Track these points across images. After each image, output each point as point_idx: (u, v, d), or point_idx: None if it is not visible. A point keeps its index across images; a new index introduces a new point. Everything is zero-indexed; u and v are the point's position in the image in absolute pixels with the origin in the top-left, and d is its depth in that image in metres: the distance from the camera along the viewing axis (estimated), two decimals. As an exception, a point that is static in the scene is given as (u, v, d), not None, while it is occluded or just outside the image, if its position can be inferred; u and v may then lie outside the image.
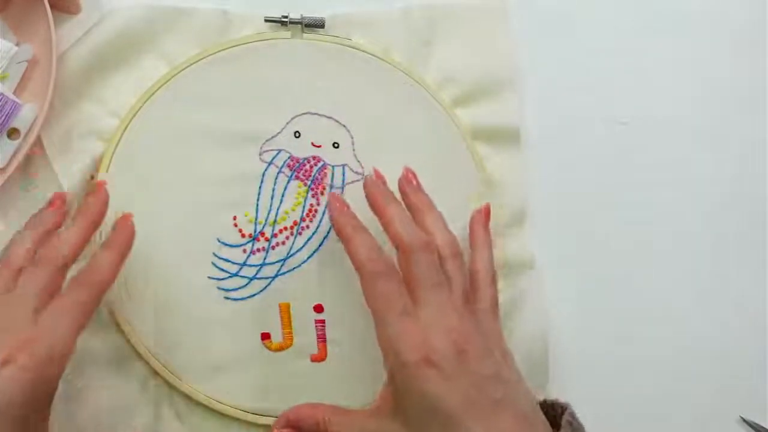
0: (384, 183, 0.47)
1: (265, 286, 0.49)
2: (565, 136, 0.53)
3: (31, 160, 0.49)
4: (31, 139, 0.47)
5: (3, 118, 0.47)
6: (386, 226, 0.44)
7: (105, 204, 0.45)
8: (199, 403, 0.47)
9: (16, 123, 0.48)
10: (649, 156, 0.54)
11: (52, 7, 0.47)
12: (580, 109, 0.54)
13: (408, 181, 0.47)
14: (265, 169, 0.49)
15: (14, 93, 0.48)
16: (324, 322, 0.49)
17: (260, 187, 0.49)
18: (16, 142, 0.47)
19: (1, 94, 0.47)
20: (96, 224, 0.44)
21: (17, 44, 0.49)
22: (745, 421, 0.51)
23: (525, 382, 0.42)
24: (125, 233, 0.44)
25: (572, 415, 0.41)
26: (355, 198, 0.49)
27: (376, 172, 0.47)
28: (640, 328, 0.52)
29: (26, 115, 0.48)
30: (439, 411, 0.39)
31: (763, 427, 0.51)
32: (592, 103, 0.54)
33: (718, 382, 0.52)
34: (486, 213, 0.49)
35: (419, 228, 0.44)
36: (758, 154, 0.55)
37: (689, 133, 0.55)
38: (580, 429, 0.41)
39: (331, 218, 0.45)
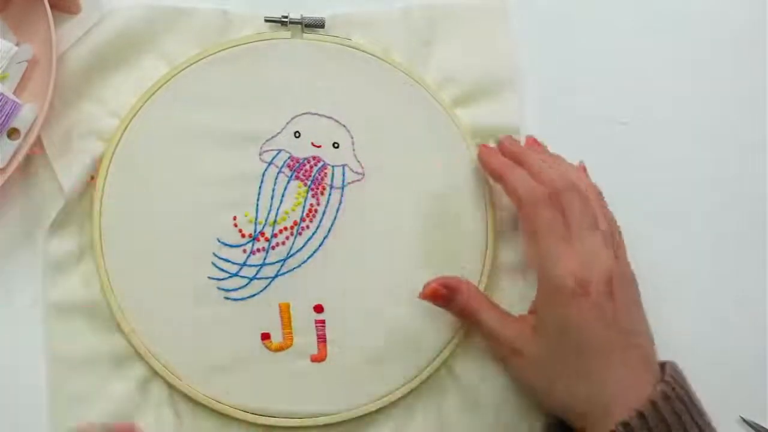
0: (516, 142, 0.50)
1: (265, 286, 0.48)
2: (565, 136, 0.53)
3: (31, 160, 0.49)
4: (31, 139, 0.47)
5: (3, 118, 0.47)
6: (534, 172, 0.47)
7: None
8: (199, 403, 0.47)
9: (16, 123, 0.48)
10: (649, 156, 0.54)
11: (52, 7, 0.47)
12: (580, 109, 0.54)
13: (535, 144, 0.51)
14: (265, 169, 0.49)
15: (14, 93, 0.48)
16: (324, 322, 0.48)
17: (260, 187, 0.49)
18: (16, 142, 0.47)
19: (1, 94, 0.47)
20: None
21: (17, 44, 0.49)
22: (745, 421, 0.51)
23: (651, 336, 0.45)
24: None
25: (674, 367, 0.44)
26: (355, 198, 0.50)
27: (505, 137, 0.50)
28: None
29: (26, 115, 0.48)
30: (579, 338, 0.43)
31: (763, 427, 0.51)
32: (592, 103, 0.54)
33: (718, 382, 0.51)
34: (583, 168, 0.50)
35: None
36: (758, 154, 0.55)
37: (689, 133, 0.55)
38: (683, 377, 0.44)
39: (483, 164, 0.49)
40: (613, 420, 0.41)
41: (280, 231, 0.49)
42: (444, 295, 0.46)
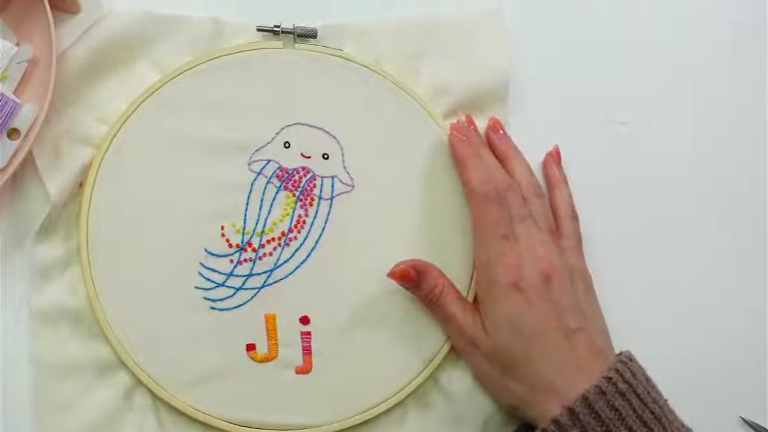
0: (475, 128, 0.51)
1: (252, 297, 0.48)
2: (565, 137, 0.53)
3: (23, 164, 0.49)
4: (31, 139, 0.47)
5: (3, 118, 0.47)
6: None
7: None
8: (182, 414, 0.47)
9: (16, 123, 0.47)
10: (649, 156, 0.54)
11: (52, 7, 0.47)
12: (579, 110, 0.54)
13: (495, 130, 0.51)
14: (254, 179, 0.49)
15: (14, 93, 0.48)
16: (310, 334, 0.48)
17: (248, 197, 0.49)
18: (16, 142, 0.47)
19: (1, 94, 0.47)
20: None
21: (17, 44, 0.49)
22: (745, 421, 0.51)
23: (604, 321, 0.48)
24: None
25: (624, 359, 0.44)
26: (344, 210, 0.49)
27: (467, 117, 0.51)
28: (641, 327, 0.51)
29: (26, 115, 0.48)
30: (519, 331, 0.44)
31: (763, 427, 0.51)
32: (591, 103, 0.54)
33: (718, 382, 0.51)
34: (557, 153, 0.52)
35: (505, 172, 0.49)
36: (758, 154, 0.55)
37: (689, 133, 0.55)
38: (634, 368, 0.44)
39: (451, 147, 0.50)
40: (552, 408, 0.42)
41: (268, 242, 0.49)
42: (413, 277, 0.47)
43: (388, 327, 0.49)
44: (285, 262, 0.49)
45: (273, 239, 0.49)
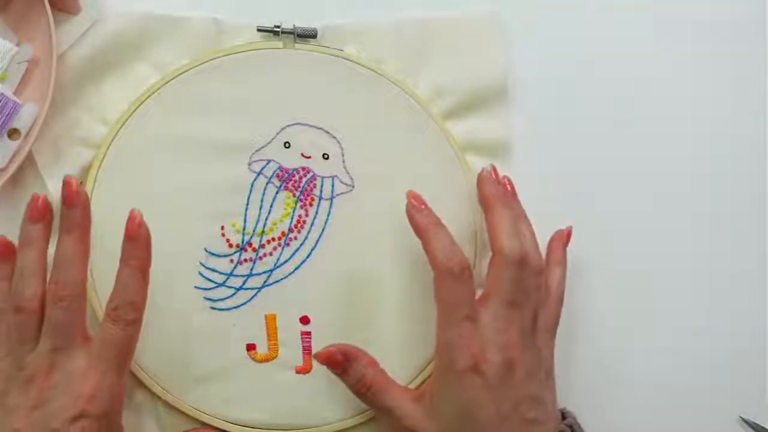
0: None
1: (252, 297, 0.48)
2: (564, 138, 0.53)
3: (23, 163, 0.49)
4: (32, 139, 0.47)
5: (3, 118, 0.47)
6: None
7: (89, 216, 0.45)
8: (183, 414, 0.47)
9: (16, 123, 0.47)
10: (649, 158, 0.54)
11: (52, 7, 0.47)
12: (578, 116, 0.54)
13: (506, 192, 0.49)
14: (254, 180, 0.49)
15: (14, 93, 0.48)
16: (310, 334, 0.48)
17: (248, 198, 0.49)
18: (16, 143, 0.47)
19: (2, 94, 0.47)
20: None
21: (17, 44, 0.49)
22: (745, 421, 0.51)
23: (557, 403, 0.46)
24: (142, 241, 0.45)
25: (571, 425, 0.44)
26: (345, 210, 0.50)
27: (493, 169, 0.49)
28: (640, 328, 0.52)
29: (26, 115, 0.48)
30: (472, 417, 0.42)
31: (763, 427, 0.51)
32: (591, 109, 0.54)
33: (718, 382, 0.52)
34: (568, 234, 0.51)
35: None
36: (758, 154, 0.55)
37: (689, 134, 0.55)
38: None
39: (409, 216, 0.46)
40: None
41: (268, 242, 0.49)
42: (339, 362, 0.45)
43: (388, 327, 0.49)
44: (285, 262, 0.49)
45: (273, 239, 0.49)
